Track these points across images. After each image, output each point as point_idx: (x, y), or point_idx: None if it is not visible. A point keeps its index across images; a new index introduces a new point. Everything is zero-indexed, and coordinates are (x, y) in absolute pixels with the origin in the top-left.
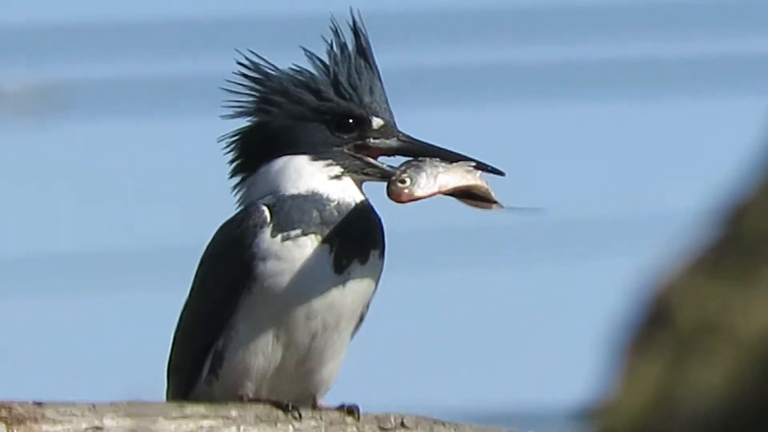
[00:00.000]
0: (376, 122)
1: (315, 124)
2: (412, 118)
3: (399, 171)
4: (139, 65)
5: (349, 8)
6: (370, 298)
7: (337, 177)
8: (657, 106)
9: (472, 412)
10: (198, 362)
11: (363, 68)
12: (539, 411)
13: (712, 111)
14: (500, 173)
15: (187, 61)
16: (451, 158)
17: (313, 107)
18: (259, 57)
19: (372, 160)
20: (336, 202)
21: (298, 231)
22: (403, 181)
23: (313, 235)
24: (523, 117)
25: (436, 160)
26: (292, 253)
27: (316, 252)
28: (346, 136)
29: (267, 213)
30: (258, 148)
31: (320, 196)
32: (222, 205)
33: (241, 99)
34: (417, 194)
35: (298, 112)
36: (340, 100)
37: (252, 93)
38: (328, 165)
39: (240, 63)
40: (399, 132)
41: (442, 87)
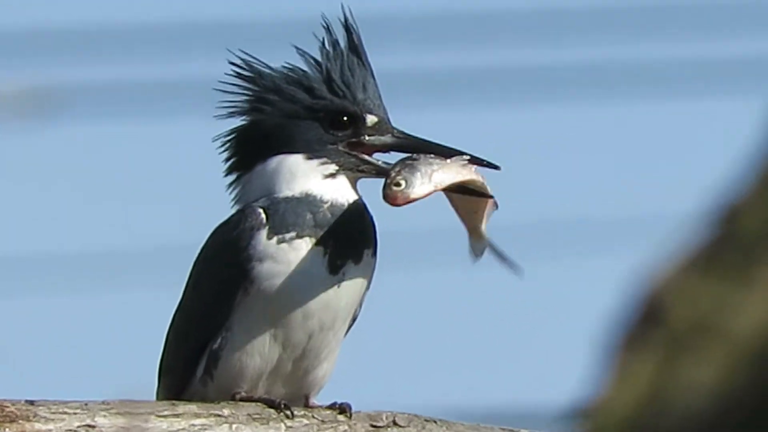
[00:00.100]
0: (370, 119)
1: (309, 122)
2: (410, 118)
3: (393, 173)
4: (133, 67)
5: (341, 5)
6: (363, 298)
7: (332, 175)
8: (650, 107)
9: (465, 410)
10: (192, 363)
11: (356, 65)
12: (532, 409)
13: (706, 112)
14: (495, 167)
15: (183, 63)
16: (445, 153)
17: (307, 105)
18: (251, 56)
19: (367, 157)
20: (329, 203)
21: (293, 233)
22: (398, 184)
23: (307, 237)
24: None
25: (431, 156)
26: (288, 256)
27: (311, 254)
28: (341, 134)
29: (263, 215)
30: (252, 147)
31: (314, 197)
32: (215, 205)
33: (234, 98)
34: (413, 196)
35: (292, 110)
36: (333, 98)
37: (245, 92)
38: (323, 163)
39: (232, 62)
40: (393, 128)
41: (437, 88)
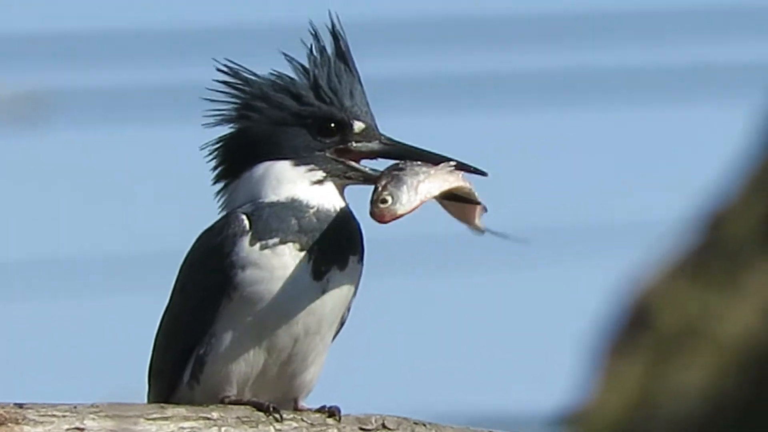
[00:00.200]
0: (358, 125)
1: (296, 128)
2: (402, 123)
3: (380, 187)
4: (127, 72)
5: (328, 12)
6: (351, 303)
7: (320, 182)
8: (638, 115)
9: (455, 413)
10: (179, 367)
11: (343, 72)
12: (521, 413)
13: (692, 120)
14: (482, 173)
15: (177, 68)
16: (432, 160)
17: (294, 112)
18: (237, 64)
19: (354, 163)
20: (315, 209)
21: (276, 239)
22: (385, 200)
23: (291, 243)
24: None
25: (417, 164)
26: (271, 262)
27: (295, 260)
28: (328, 140)
29: (246, 221)
30: (240, 155)
31: (299, 203)
32: (205, 210)
33: (222, 106)
34: (400, 212)
35: (279, 117)
36: (321, 105)
37: (232, 100)
38: (310, 170)
39: (219, 70)
40: (381, 134)
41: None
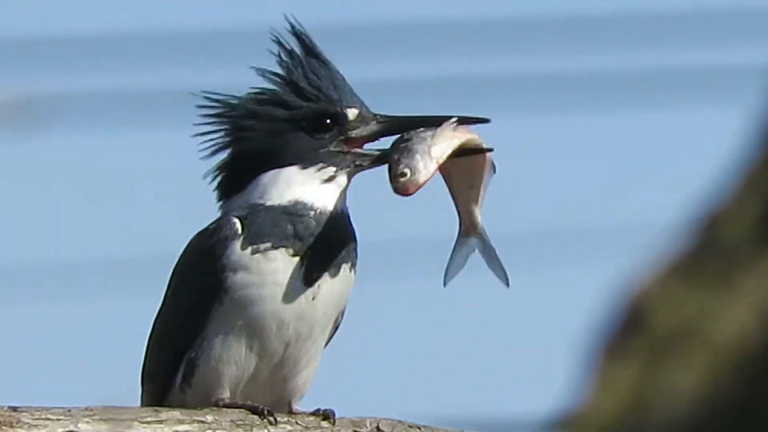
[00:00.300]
0: (351, 113)
1: (293, 134)
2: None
3: (394, 164)
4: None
5: (283, 15)
6: (344, 308)
7: (332, 178)
8: (633, 116)
9: (449, 416)
10: (171, 370)
11: (318, 67)
12: (515, 416)
13: (686, 122)
14: (485, 120)
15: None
16: (433, 123)
17: (286, 119)
18: (216, 92)
19: (359, 150)
20: (317, 212)
21: (268, 244)
22: (403, 174)
23: (283, 249)
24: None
25: (421, 130)
26: (261, 266)
27: (286, 265)
28: (327, 136)
29: (238, 225)
30: (244, 170)
31: (302, 205)
32: (203, 214)
33: (214, 137)
34: (421, 180)
35: (274, 128)
36: (309, 104)
37: (223, 128)
38: (320, 169)
39: (200, 106)
40: (376, 114)
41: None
